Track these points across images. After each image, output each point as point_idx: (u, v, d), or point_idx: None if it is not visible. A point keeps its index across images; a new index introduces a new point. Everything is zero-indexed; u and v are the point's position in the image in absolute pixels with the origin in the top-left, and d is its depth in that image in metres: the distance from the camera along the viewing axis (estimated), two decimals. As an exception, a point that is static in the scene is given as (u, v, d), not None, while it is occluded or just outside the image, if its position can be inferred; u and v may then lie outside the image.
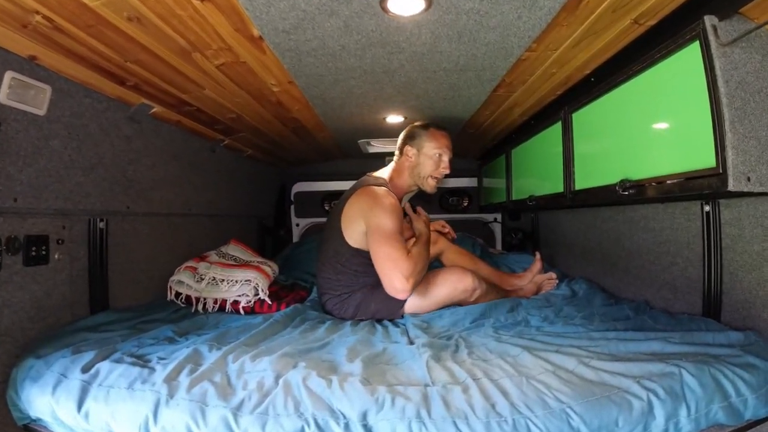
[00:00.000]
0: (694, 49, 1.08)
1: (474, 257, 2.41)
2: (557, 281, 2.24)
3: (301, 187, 3.57)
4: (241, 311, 1.81)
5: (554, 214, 2.83)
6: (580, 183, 1.73)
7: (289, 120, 2.09)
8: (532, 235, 3.13)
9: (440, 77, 1.57)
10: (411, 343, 1.37)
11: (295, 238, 3.53)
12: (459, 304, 1.83)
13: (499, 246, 3.40)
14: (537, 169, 2.18)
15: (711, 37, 1.03)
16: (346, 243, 1.82)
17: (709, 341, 1.23)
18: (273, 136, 2.36)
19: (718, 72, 1.02)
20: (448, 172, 1.93)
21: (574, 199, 1.75)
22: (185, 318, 1.70)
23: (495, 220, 3.41)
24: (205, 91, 1.56)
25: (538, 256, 2.31)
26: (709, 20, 1.03)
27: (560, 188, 1.84)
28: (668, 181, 1.25)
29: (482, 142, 2.74)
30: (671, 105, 1.22)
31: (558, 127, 1.84)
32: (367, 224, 1.74)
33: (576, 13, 1.13)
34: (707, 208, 1.50)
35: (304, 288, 2.29)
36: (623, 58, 1.38)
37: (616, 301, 1.86)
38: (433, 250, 2.36)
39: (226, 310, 1.82)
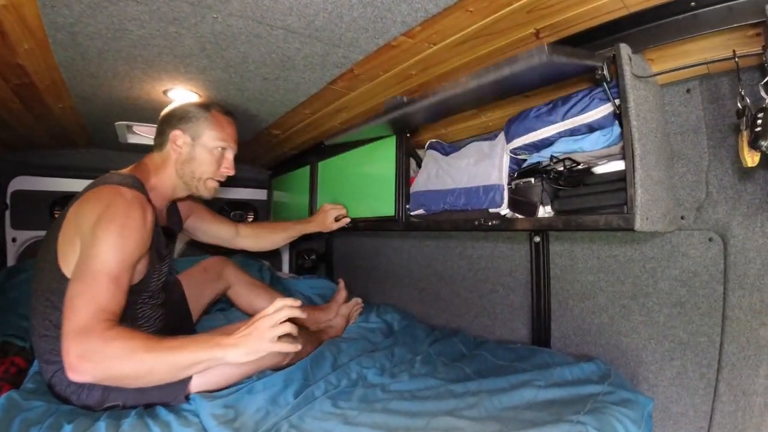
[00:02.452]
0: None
1: (271, 291, 1.87)
2: (363, 305, 1.95)
3: (23, 183, 2.21)
4: None
5: (351, 234, 2.57)
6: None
7: (11, 69, 1.13)
8: (326, 257, 2.79)
9: (276, 39, 1.03)
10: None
11: (11, 261, 2.17)
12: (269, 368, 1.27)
13: (286, 268, 2.92)
14: (356, 188, 1.83)
15: (626, 66, 0.89)
16: (64, 276, 1.05)
17: (568, 378, 1.16)
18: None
19: (631, 104, 0.88)
20: (232, 173, 1.37)
21: (409, 225, 1.47)
22: None
23: (283, 239, 2.93)
24: None
25: (342, 284, 1.97)
26: (625, 49, 0.90)
27: (391, 212, 1.53)
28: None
29: (282, 150, 2.25)
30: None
31: (391, 143, 1.54)
32: (82, 246, 1.02)
33: (494, -3, 0.83)
34: (537, 239, 1.44)
35: (21, 350, 1.33)
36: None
37: (441, 334, 1.66)
38: (219, 285, 1.74)
39: None
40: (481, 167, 1.18)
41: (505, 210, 1.13)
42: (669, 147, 1.08)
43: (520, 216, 1.10)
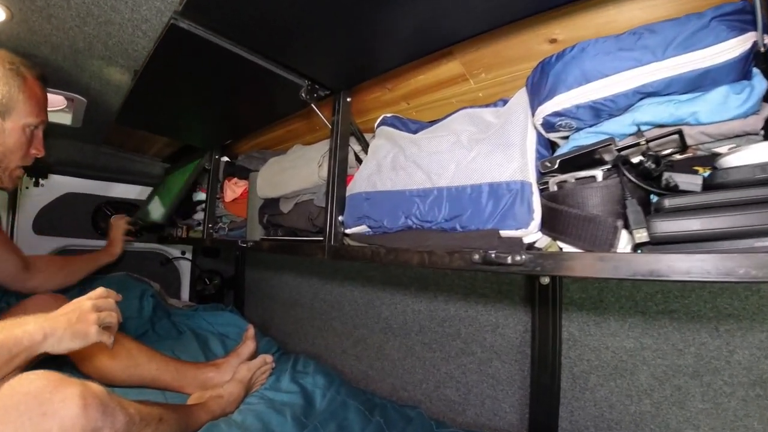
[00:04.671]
0: None
1: (129, 343, 1.19)
2: (274, 365, 1.32)
3: None
4: None
5: (271, 254, 1.91)
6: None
7: None
8: (235, 282, 2.10)
9: None
10: None
11: None
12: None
13: (186, 295, 2.18)
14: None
15: None
16: None
17: None
18: None
19: None
20: (42, 155, 1.06)
21: (338, 252, 0.87)
22: None
23: (183, 254, 2.20)
24: None
25: (251, 331, 1.32)
26: None
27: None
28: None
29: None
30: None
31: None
32: None
33: None
34: (546, 279, 0.90)
35: None
36: None
37: (385, 417, 1.06)
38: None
39: None
40: (484, 150, 0.62)
41: (535, 234, 0.57)
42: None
43: (572, 249, 0.54)
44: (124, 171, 2.02)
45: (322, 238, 0.79)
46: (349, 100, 0.84)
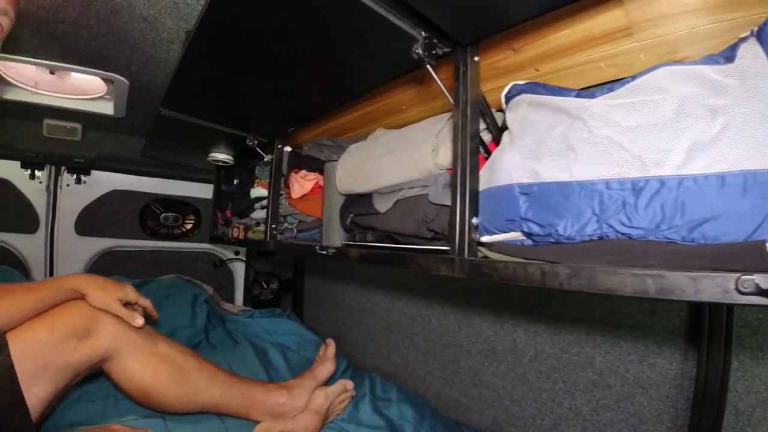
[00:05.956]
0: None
1: (188, 363, 1.03)
2: (354, 392, 1.15)
3: None
4: None
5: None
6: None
7: None
8: (294, 285, 1.96)
9: None
10: None
11: None
12: None
13: (240, 298, 2.07)
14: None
15: None
16: None
17: None
18: None
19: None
20: None
21: (474, 269, 0.67)
22: None
23: (237, 254, 2.08)
24: None
25: (331, 350, 1.17)
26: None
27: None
28: None
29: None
30: None
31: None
32: None
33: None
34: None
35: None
36: None
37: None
38: (84, 351, 0.88)
39: None
40: (735, 121, 0.40)
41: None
42: None
43: None
44: (175, 165, 1.92)
45: (447, 248, 0.60)
46: (476, 59, 0.64)
